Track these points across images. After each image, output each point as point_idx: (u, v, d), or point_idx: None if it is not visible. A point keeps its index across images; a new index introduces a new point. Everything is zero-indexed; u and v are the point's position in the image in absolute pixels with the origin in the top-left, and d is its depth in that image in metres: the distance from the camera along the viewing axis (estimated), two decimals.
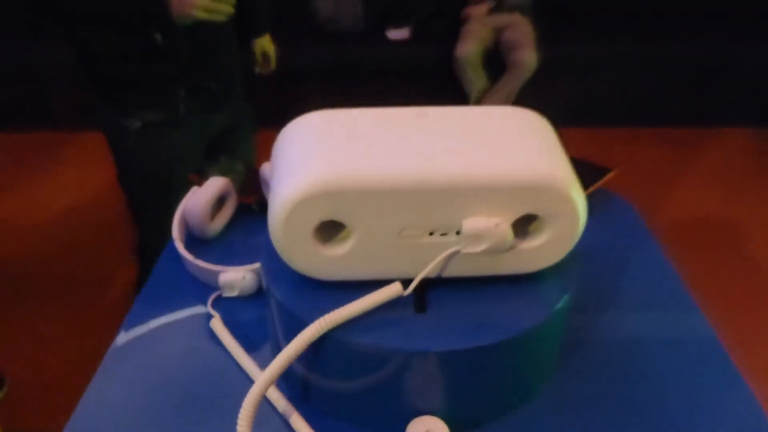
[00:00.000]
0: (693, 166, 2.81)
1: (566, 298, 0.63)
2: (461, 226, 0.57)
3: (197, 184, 0.90)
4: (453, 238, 0.58)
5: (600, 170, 0.95)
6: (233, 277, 0.78)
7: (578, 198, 0.57)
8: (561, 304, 0.62)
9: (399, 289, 0.58)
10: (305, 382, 0.65)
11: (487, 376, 0.61)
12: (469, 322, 0.59)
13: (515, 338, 0.59)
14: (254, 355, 0.71)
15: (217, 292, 0.80)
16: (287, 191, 0.55)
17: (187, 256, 0.81)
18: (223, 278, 0.78)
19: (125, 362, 0.72)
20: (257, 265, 0.78)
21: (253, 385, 0.54)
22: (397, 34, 3.10)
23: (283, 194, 0.55)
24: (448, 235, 0.58)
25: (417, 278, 0.58)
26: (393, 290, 0.58)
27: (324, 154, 0.57)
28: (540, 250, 0.60)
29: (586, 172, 0.94)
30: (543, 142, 0.61)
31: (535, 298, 0.62)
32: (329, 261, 0.59)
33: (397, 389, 0.60)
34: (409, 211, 0.56)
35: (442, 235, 0.58)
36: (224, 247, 0.89)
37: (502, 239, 0.57)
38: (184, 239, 0.87)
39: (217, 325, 0.74)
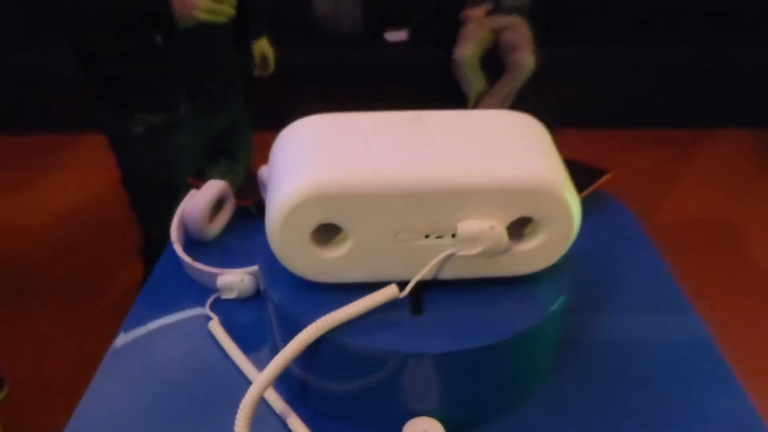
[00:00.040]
0: (691, 168, 2.82)
1: (561, 299, 0.63)
2: (457, 229, 0.57)
3: (196, 187, 0.91)
4: (449, 241, 0.58)
5: (596, 172, 0.96)
6: (231, 280, 0.78)
7: (572, 201, 0.58)
8: (556, 305, 0.62)
9: (395, 291, 0.58)
10: (302, 383, 0.65)
11: (483, 378, 0.62)
12: (465, 324, 0.60)
13: (511, 340, 0.59)
14: (252, 356, 0.71)
15: (216, 294, 0.80)
16: (284, 195, 0.56)
17: (186, 258, 0.82)
18: (222, 280, 0.79)
19: (125, 363, 0.73)
20: (255, 268, 0.79)
21: (250, 387, 0.55)
22: (396, 36, 3.11)
23: (280, 198, 0.56)
24: (443, 237, 0.58)
25: (413, 281, 0.59)
26: (389, 292, 0.58)
27: (320, 157, 0.58)
28: (535, 252, 0.61)
29: (582, 174, 0.94)
30: (538, 146, 0.62)
31: (530, 300, 0.62)
32: (326, 263, 0.60)
33: (394, 391, 0.60)
34: (405, 214, 0.56)
35: (437, 238, 0.58)
36: (222, 249, 0.90)
37: (497, 242, 0.57)
38: (182, 242, 0.88)
39: (216, 327, 0.75)
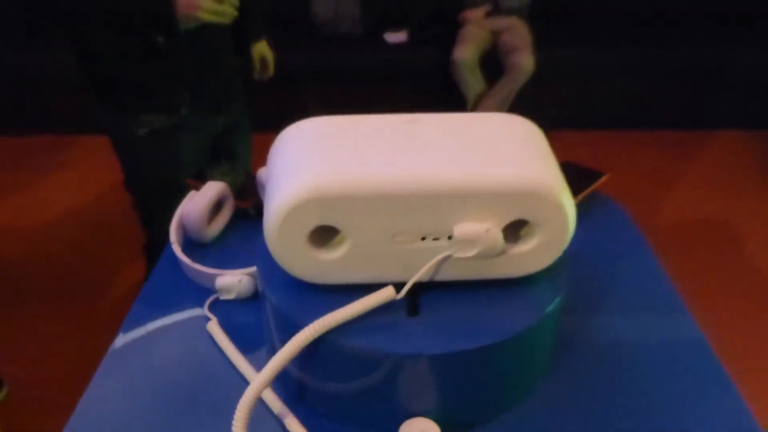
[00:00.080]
0: (690, 169, 2.82)
1: (557, 301, 0.64)
2: (453, 232, 0.58)
3: (195, 188, 0.92)
4: (445, 243, 0.59)
5: (592, 175, 0.96)
6: (230, 281, 0.79)
7: (568, 204, 0.58)
8: (552, 307, 0.63)
9: (392, 293, 0.59)
10: (300, 384, 0.66)
11: (479, 379, 0.62)
12: (461, 325, 0.60)
13: (507, 341, 0.60)
14: (250, 357, 0.71)
15: (214, 296, 0.81)
16: (282, 197, 0.56)
17: (185, 259, 0.82)
18: (220, 282, 0.79)
19: (123, 364, 0.73)
20: (254, 269, 0.79)
21: (248, 388, 0.55)
22: (395, 38, 3.11)
23: (277, 200, 0.56)
24: (440, 239, 0.59)
25: (409, 282, 0.59)
26: (386, 294, 0.59)
27: (318, 160, 0.58)
28: (530, 254, 0.61)
29: (579, 176, 0.95)
30: (533, 149, 0.62)
31: (526, 302, 0.63)
32: (324, 265, 0.60)
33: (391, 392, 0.61)
34: (402, 216, 0.57)
35: (434, 240, 0.59)
36: (221, 250, 0.90)
37: (493, 244, 0.58)
38: (181, 243, 0.88)
39: (214, 328, 0.75)
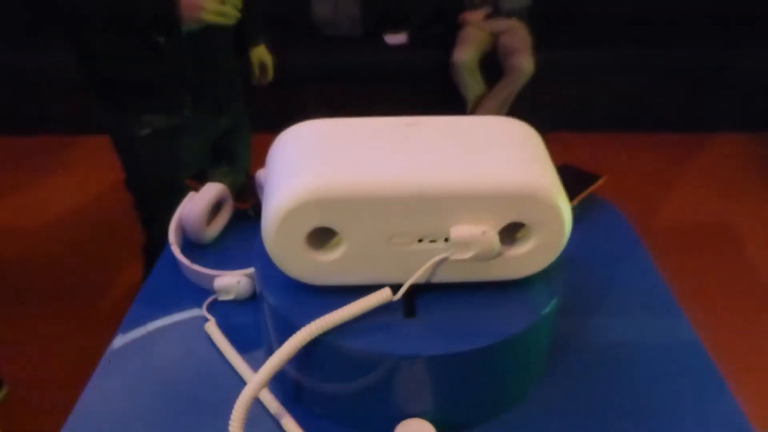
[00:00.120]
0: (690, 171, 2.83)
1: (553, 303, 0.64)
2: (449, 234, 0.58)
3: (194, 190, 0.92)
4: (441, 245, 0.59)
5: (590, 177, 0.97)
6: (228, 282, 0.79)
7: (564, 206, 0.59)
8: (548, 308, 0.63)
9: (388, 294, 0.59)
10: (297, 384, 0.66)
11: (475, 380, 0.62)
12: (458, 327, 0.61)
13: (503, 343, 0.60)
14: (248, 358, 0.72)
15: (213, 296, 0.81)
16: (280, 199, 0.56)
17: (184, 260, 0.83)
18: (219, 282, 0.79)
19: (122, 364, 0.74)
20: (252, 270, 0.80)
21: (244, 388, 0.56)
22: (395, 39, 3.11)
23: (276, 202, 0.57)
24: (436, 242, 0.59)
25: (406, 284, 0.59)
26: (382, 296, 0.59)
27: (316, 163, 0.59)
28: (527, 256, 0.61)
29: (576, 179, 0.96)
30: (530, 152, 0.62)
31: (522, 303, 0.63)
32: (321, 267, 0.60)
33: (387, 393, 0.61)
34: (399, 218, 0.57)
35: (430, 242, 0.59)
36: (220, 251, 0.90)
37: (490, 246, 0.58)
38: (180, 244, 0.89)
39: (212, 329, 0.75)
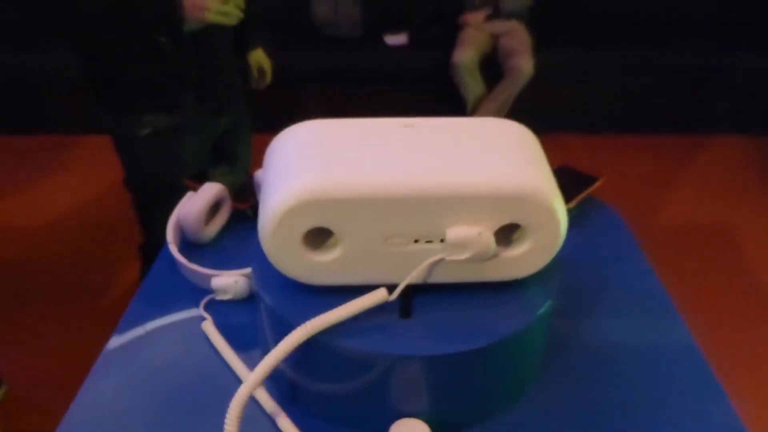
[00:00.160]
0: (688, 173, 2.83)
1: (549, 303, 0.64)
2: (445, 235, 0.58)
3: (193, 189, 0.92)
4: (437, 246, 0.60)
5: (587, 179, 0.97)
6: (226, 281, 0.79)
7: (559, 208, 0.59)
8: (543, 310, 0.63)
9: (384, 294, 0.59)
10: (293, 384, 0.66)
11: (470, 381, 0.63)
12: (453, 328, 0.61)
13: (498, 343, 0.60)
14: (245, 357, 0.72)
15: (210, 296, 0.81)
16: (277, 200, 0.57)
17: (181, 259, 0.83)
18: (216, 282, 0.80)
19: (119, 363, 0.74)
20: (249, 270, 0.80)
21: (240, 387, 0.56)
22: (395, 40, 3.12)
23: (272, 202, 0.57)
24: (433, 243, 0.59)
25: (401, 284, 0.60)
26: (378, 296, 0.59)
27: (313, 163, 0.59)
28: (522, 258, 0.62)
29: (573, 181, 0.96)
30: (526, 154, 0.63)
31: (518, 304, 0.64)
32: (318, 267, 0.61)
33: (382, 392, 0.61)
34: (395, 219, 0.57)
35: (427, 243, 0.59)
36: (219, 251, 0.91)
37: (485, 248, 0.59)
38: (178, 243, 0.89)
39: (209, 327, 0.76)
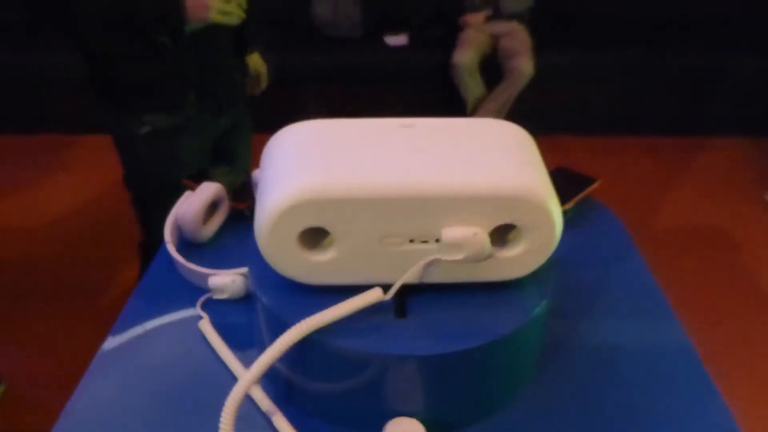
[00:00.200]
0: (687, 175, 2.83)
1: (544, 304, 0.65)
2: (441, 235, 0.58)
3: (191, 189, 0.92)
4: (433, 246, 0.60)
5: (585, 180, 0.97)
6: (223, 281, 0.80)
7: (554, 209, 0.59)
8: (539, 310, 0.64)
9: (379, 294, 0.60)
10: (289, 383, 0.67)
11: (466, 381, 0.63)
12: (448, 327, 0.61)
13: (494, 343, 0.60)
14: (242, 356, 0.72)
15: (207, 295, 0.82)
16: (273, 200, 0.57)
17: (179, 258, 0.83)
18: (213, 281, 0.80)
19: (115, 362, 0.74)
20: (246, 269, 0.80)
21: (235, 385, 0.56)
22: (395, 41, 3.12)
23: (268, 202, 0.57)
24: (428, 243, 0.60)
25: (397, 284, 0.60)
26: (374, 295, 0.59)
27: (309, 164, 0.59)
28: (518, 258, 0.62)
29: (571, 181, 0.96)
30: (522, 155, 0.63)
31: (513, 304, 0.64)
32: (314, 266, 0.61)
33: (377, 392, 0.62)
34: (390, 219, 0.58)
35: (422, 243, 0.60)
36: (217, 250, 0.91)
37: (480, 248, 0.59)
38: (176, 243, 0.89)
39: (205, 326, 0.76)
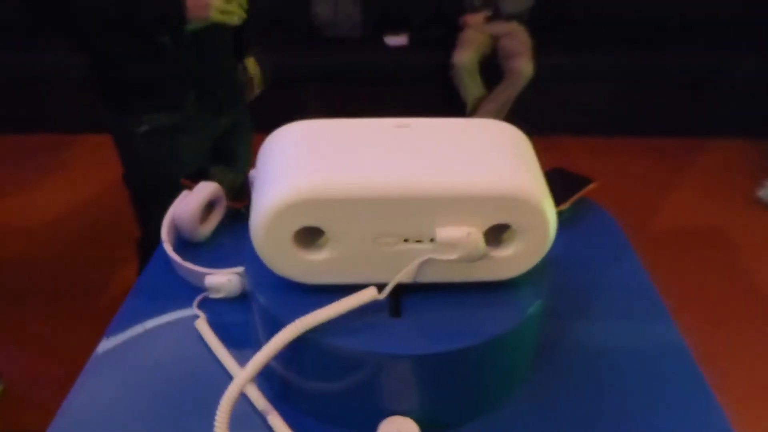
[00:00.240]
0: (685, 176, 2.83)
1: (538, 303, 0.65)
2: (435, 234, 0.59)
3: (188, 188, 0.93)
4: (427, 246, 0.60)
5: (581, 180, 0.97)
6: (219, 280, 0.80)
7: (548, 209, 0.59)
8: (533, 310, 0.64)
9: (374, 293, 0.60)
10: (284, 381, 0.67)
11: (460, 380, 0.63)
12: (443, 327, 0.61)
13: (488, 342, 0.61)
14: (238, 354, 0.72)
15: (204, 294, 0.82)
16: (268, 199, 0.57)
17: (175, 257, 0.83)
18: (209, 280, 0.80)
19: (111, 361, 0.74)
20: (242, 268, 0.80)
21: (230, 384, 0.56)
22: (395, 41, 3.12)
23: (263, 202, 0.58)
24: (422, 242, 0.60)
25: (391, 283, 0.60)
26: (368, 294, 0.60)
27: (304, 163, 0.59)
28: (512, 258, 0.62)
29: (567, 182, 0.96)
30: (517, 155, 0.63)
31: (508, 304, 0.64)
32: (309, 266, 0.61)
33: (372, 390, 0.62)
34: (384, 219, 0.58)
35: (416, 242, 0.60)
36: (214, 250, 0.91)
37: (475, 247, 0.59)
38: (173, 242, 0.89)
39: (202, 325, 0.76)
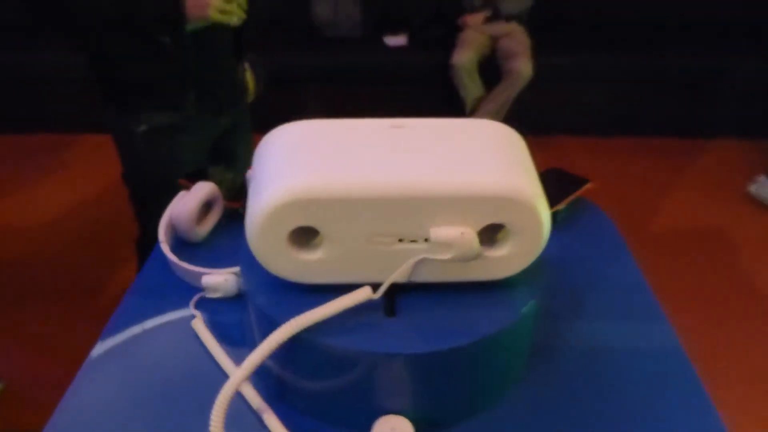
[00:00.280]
0: (683, 176, 2.83)
1: (533, 303, 0.65)
2: (429, 234, 0.59)
3: (186, 188, 0.93)
4: (422, 245, 0.60)
5: (577, 181, 0.98)
6: (215, 280, 0.80)
7: (542, 209, 0.60)
8: (527, 309, 0.64)
9: (368, 292, 0.60)
10: (279, 381, 0.67)
11: (454, 379, 0.63)
12: (437, 326, 0.62)
13: (482, 342, 0.61)
14: (234, 354, 0.73)
15: (201, 293, 0.82)
16: (263, 199, 0.58)
17: (172, 257, 0.84)
18: (206, 280, 0.80)
19: (108, 360, 0.75)
20: (239, 268, 0.81)
21: (225, 384, 0.57)
22: (395, 41, 3.13)
23: (259, 202, 0.58)
24: (417, 242, 0.60)
25: (386, 283, 0.60)
26: (363, 294, 0.60)
27: (299, 164, 0.60)
28: (506, 258, 0.62)
29: (564, 182, 0.97)
30: (511, 155, 0.63)
31: (502, 303, 0.64)
32: (304, 265, 0.61)
33: (367, 389, 0.62)
34: (379, 219, 0.58)
35: (411, 242, 0.60)
36: (211, 249, 0.91)
37: (469, 247, 0.59)
38: (171, 242, 0.90)
39: (198, 325, 0.76)
